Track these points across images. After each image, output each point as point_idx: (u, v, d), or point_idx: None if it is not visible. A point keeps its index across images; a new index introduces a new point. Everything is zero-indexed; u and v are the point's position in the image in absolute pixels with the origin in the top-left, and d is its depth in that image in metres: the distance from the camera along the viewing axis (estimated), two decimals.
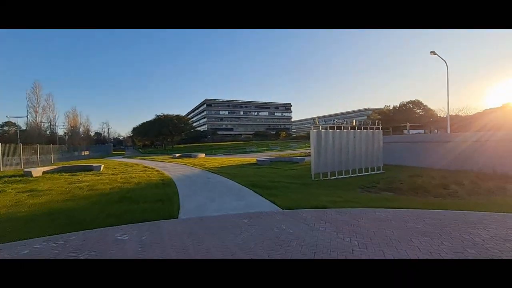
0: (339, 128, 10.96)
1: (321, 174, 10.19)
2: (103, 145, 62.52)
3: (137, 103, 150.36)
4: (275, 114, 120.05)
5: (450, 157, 12.11)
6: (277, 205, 5.75)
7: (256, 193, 7.17)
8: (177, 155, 27.71)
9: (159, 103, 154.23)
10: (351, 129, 11.26)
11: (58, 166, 15.13)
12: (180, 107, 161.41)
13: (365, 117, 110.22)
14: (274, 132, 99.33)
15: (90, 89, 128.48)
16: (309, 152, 28.72)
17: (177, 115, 61.64)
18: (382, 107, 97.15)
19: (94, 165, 15.00)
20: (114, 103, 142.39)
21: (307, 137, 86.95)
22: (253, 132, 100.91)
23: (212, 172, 12.44)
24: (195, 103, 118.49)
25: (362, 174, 11.34)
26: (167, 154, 39.95)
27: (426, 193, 7.13)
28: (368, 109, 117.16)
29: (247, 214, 5.13)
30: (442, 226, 4.12)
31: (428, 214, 4.75)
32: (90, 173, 13.23)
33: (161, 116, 59.55)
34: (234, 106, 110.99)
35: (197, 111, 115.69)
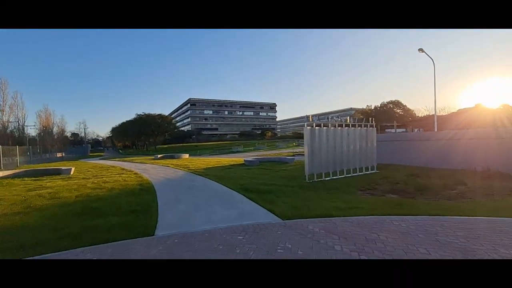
0: (333, 125, 10.29)
1: (315, 175, 9.45)
2: (80, 146, 59.14)
3: (117, 103, 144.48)
4: (260, 113, 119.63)
5: (443, 155, 11.82)
6: (275, 214, 4.87)
7: (249, 198, 6.26)
8: (159, 156, 26.16)
9: (140, 103, 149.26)
10: (345, 126, 10.63)
11: (21, 170, 13.43)
12: (162, 107, 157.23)
13: (348, 117, 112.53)
14: (260, 132, 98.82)
15: (66, 88, 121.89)
16: (297, 152, 28.22)
17: (160, 114, 59.33)
18: (364, 107, 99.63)
19: (63, 168, 13.44)
20: (93, 103, 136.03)
21: (293, 136, 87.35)
22: (238, 132, 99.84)
23: (198, 175, 11.38)
24: (178, 103, 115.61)
25: (356, 174, 10.73)
26: (149, 155, 38.05)
27: (432, 194, 6.54)
28: (351, 109, 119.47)
29: (241, 227, 4.21)
30: (482, 240, 3.40)
31: (455, 223, 4.05)
32: (58, 177, 11.73)
33: (143, 115, 57.00)
34: (219, 105, 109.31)
35: (180, 110, 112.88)
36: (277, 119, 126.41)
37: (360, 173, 10.91)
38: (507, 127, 16.30)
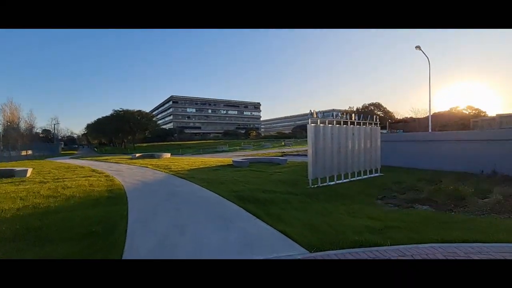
0: (338, 122, 9.13)
1: (319, 179, 8.23)
2: (50, 143, 54.71)
3: (95, 99, 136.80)
4: (244, 113, 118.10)
5: (446, 156, 11.07)
6: (294, 239, 3.49)
7: (249, 212, 4.86)
8: (137, 155, 23.95)
9: (121, 100, 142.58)
10: (350, 124, 9.52)
11: None
12: (143, 105, 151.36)
13: (353, 114, 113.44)
14: (244, 131, 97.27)
15: (37, 83, 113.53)
16: (285, 152, 27.09)
17: (139, 111, 55.98)
18: (346, 108, 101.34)
19: (18, 169, 11.26)
20: (69, 99, 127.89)
21: (277, 136, 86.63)
22: (222, 131, 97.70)
23: (181, 177, 9.80)
24: (160, 100, 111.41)
25: (361, 177, 9.67)
26: (127, 154, 35.41)
27: (469, 205, 5.49)
28: (333, 110, 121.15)
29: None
30: None
31: None
32: (8, 180, 9.65)
33: (120, 111, 53.36)
34: (202, 103, 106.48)
35: (162, 108, 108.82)
36: (261, 119, 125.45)
37: (365, 176, 9.86)
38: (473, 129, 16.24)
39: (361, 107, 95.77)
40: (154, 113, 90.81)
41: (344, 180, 9.06)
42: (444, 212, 5.03)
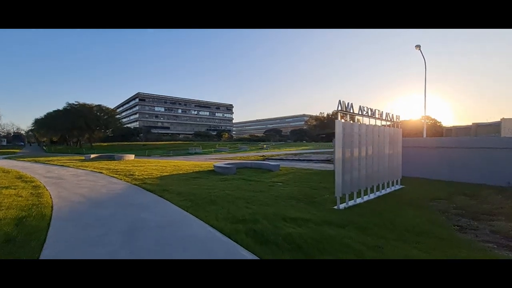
0: (366, 115, 7.05)
1: (347, 196, 6.03)
2: None
3: (50, 94, 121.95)
4: (216, 114, 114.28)
5: (465, 166, 9.67)
6: None
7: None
8: (92, 156, 19.83)
9: (81, 96, 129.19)
10: (376, 121, 7.53)
11: None
12: (107, 102, 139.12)
13: (302, 123, 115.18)
14: (216, 133, 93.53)
15: None
16: (266, 156, 24.72)
17: (99, 105, 49.53)
18: (317, 114, 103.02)
19: None
20: (16, 93, 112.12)
21: (251, 139, 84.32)
22: (192, 132, 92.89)
23: (148, 191, 6.91)
24: (125, 97, 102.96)
25: (385, 191, 7.70)
26: (82, 154, 30.29)
27: None
28: (304, 115, 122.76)
29: None
30: None
31: None
32: None
33: (76, 105, 46.51)
34: (172, 103, 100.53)
35: (127, 105, 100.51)
36: (233, 121, 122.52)
37: (388, 190, 7.90)
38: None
39: (331, 113, 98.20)
40: (118, 110, 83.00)
41: (371, 196, 7.00)
42: None
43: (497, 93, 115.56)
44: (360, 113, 6.76)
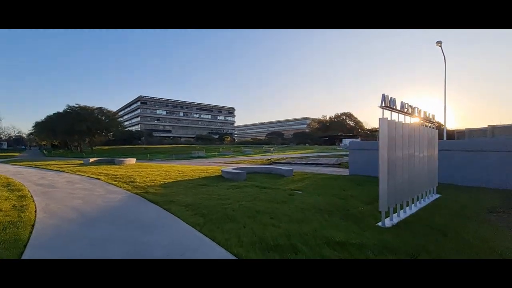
0: (407, 112, 6.02)
1: (391, 209, 4.98)
2: None
3: (53, 97, 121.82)
4: (218, 117, 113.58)
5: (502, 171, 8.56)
6: None
7: None
8: (92, 159, 18.83)
9: (81, 98, 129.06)
10: (421, 119, 6.52)
11: None
12: (107, 105, 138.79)
13: (305, 126, 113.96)
14: (218, 137, 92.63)
15: None
16: (272, 159, 23.53)
17: (100, 108, 48.66)
18: (320, 117, 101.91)
19: None
20: (14, 91, 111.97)
21: (253, 142, 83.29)
22: (194, 136, 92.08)
23: (152, 202, 5.88)
24: (126, 100, 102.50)
25: (425, 202, 6.63)
26: (82, 158, 29.38)
27: None
28: (306, 118, 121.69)
29: None
30: None
31: None
32: None
33: (76, 107, 45.61)
34: (173, 106, 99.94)
35: (129, 109, 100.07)
36: (235, 125, 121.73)
37: (428, 201, 6.82)
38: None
39: (333, 116, 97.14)
40: (120, 113, 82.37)
41: (413, 209, 5.92)
42: None
43: (496, 96, 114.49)
44: (401, 110, 5.72)
